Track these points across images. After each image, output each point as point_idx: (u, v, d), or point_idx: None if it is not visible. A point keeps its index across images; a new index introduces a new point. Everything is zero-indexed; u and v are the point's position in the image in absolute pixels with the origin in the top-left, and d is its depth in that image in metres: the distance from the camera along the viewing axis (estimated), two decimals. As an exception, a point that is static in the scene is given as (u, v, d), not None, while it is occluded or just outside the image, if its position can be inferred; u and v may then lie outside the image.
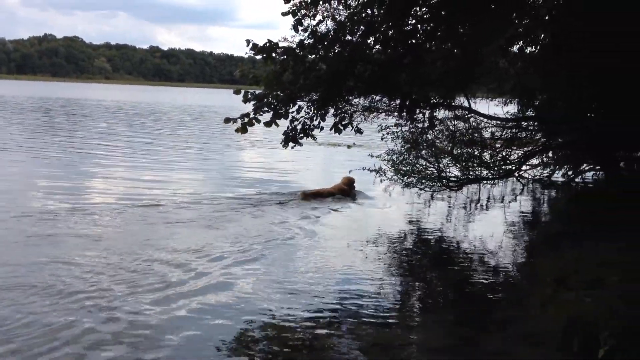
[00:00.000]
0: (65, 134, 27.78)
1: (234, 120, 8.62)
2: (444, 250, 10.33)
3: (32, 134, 26.82)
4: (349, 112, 10.39)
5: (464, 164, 12.34)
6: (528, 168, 14.15)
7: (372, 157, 13.44)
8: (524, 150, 12.94)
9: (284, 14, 8.77)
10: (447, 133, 12.18)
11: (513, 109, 13.03)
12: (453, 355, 5.92)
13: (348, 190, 14.34)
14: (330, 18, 8.99)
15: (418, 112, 10.67)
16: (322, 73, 8.93)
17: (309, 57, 9.04)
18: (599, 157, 12.27)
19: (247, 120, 8.61)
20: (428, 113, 10.90)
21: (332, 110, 9.75)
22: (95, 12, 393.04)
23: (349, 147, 13.47)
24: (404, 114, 10.54)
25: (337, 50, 8.90)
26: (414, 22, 9.06)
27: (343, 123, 9.90)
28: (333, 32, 8.87)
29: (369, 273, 8.47)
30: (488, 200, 14.72)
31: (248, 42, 8.72)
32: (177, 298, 7.11)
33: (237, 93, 8.85)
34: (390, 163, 13.32)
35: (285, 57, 8.80)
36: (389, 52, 9.12)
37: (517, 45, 10.09)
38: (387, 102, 11.09)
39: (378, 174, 13.43)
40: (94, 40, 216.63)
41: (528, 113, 12.94)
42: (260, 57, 8.87)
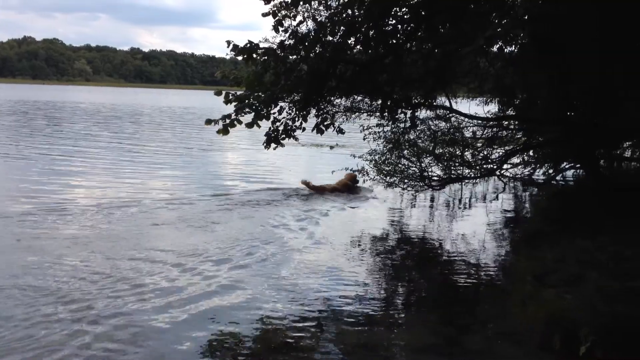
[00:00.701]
0: (42, 137, 27.44)
1: (216, 122, 8.57)
2: (427, 250, 10.38)
3: (6, 139, 26.40)
4: (331, 112, 10.37)
5: (446, 164, 12.37)
6: (509, 167, 14.24)
7: (354, 157, 13.47)
8: (505, 149, 13.00)
9: (265, 15, 8.75)
10: (428, 133, 12.20)
11: (494, 109, 13.11)
12: (436, 355, 5.95)
13: (351, 186, 15.17)
14: (311, 19, 8.96)
15: (399, 112, 10.69)
16: (303, 74, 8.90)
17: (290, 57, 9.01)
18: (579, 155, 12.36)
19: (228, 122, 8.55)
20: (409, 113, 10.92)
21: (313, 111, 9.73)
22: (75, 14, 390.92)
23: (332, 147, 13.50)
24: (386, 114, 10.54)
25: (318, 51, 8.88)
26: (394, 22, 9.07)
27: (325, 124, 9.88)
28: (314, 32, 8.85)
29: (353, 273, 8.48)
30: (470, 200, 14.83)
31: (229, 43, 8.68)
32: (156, 299, 7.10)
33: (218, 94, 8.80)
34: (373, 163, 13.35)
35: (266, 57, 8.76)
36: (370, 52, 9.12)
37: (496, 45, 10.17)
38: (368, 102, 11.09)
39: (361, 174, 13.51)
40: (74, 43, 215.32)
41: (508, 112, 13.03)
42: (241, 58, 8.84)
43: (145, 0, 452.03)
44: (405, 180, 12.74)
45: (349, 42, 8.99)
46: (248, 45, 8.63)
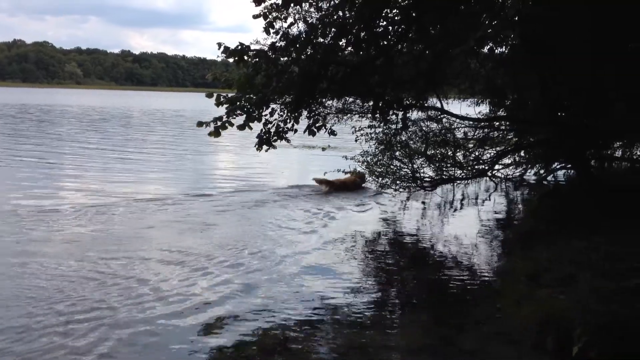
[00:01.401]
0: (29, 141, 27.28)
1: (207, 124, 8.55)
2: (420, 251, 10.38)
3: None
4: (323, 114, 10.35)
5: (438, 165, 12.39)
6: (501, 167, 14.29)
7: (346, 159, 13.47)
8: (497, 150, 13.04)
9: (255, 17, 8.73)
10: (420, 134, 12.22)
11: (485, 109, 13.15)
12: (430, 355, 5.94)
13: (359, 184, 15.78)
14: (302, 20, 8.95)
15: (391, 113, 10.69)
16: (294, 75, 8.88)
17: (282, 59, 9.00)
18: (570, 155, 12.40)
19: (220, 124, 8.54)
20: (401, 114, 10.92)
21: (305, 113, 9.72)
22: (66, 16, 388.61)
23: (324, 149, 13.46)
24: (377, 116, 10.54)
25: (309, 53, 8.88)
26: (385, 23, 9.08)
27: (317, 125, 9.86)
28: (305, 34, 8.84)
29: (347, 275, 8.48)
30: (462, 200, 14.86)
31: (220, 45, 8.66)
32: (148, 299, 7.09)
33: (209, 96, 8.78)
34: (365, 164, 13.37)
35: (258, 59, 8.74)
36: (361, 54, 9.12)
37: (487, 46, 10.19)
38: (360, 103, 11.10)
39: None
40: (65, 45, 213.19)
41: (500, 113, 13.07)
42: (233, 60, 8.81)
43: (136, 2, 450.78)
44: (398, 182, 12.76)
45: (340, 43, 8.99)
46: (239, 48, 8.61)
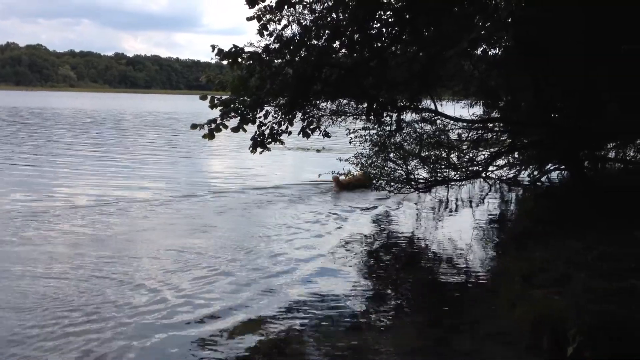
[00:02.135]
0: (21, 143, 27.20)
1: (201, 127, 8.53)
2: (414, 252, 10.39)
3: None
4: (317, 116, 10.36)
5: (432, 166, 12.41)
6: (495, 169, 14.29)
7: (341, 160, 13.49)
8: (490, 151, 13.06)
9: (249, 19, 8.72)
10: (414, 135, 12.24)
11: (479, 111, 13.17)
12: (425, 357, 5.96)
13: (365, 183, 15.76)
14: (296, 22, 8.95)
15: (385, 115, 10.71)
16: (288, 77, 8.89)
17: (276, 61, 9.00)
18: (564, 156, 12.43)
19: (214, 126, 8.53)
20: (395, 116, 10.94)
21: (299, 115, 9.72)
22: (59, 19, 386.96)
23: (318, 151, 13.48)
24: (372, 117, 10.56)
25: (303, 55, 8.88)
26: (379, 25, 9.09)
27: (311, 127, 9.87)
28: (299, 36, 8.83)
29: (342, 276, 8.49)
30: (457, 201, 14.89)
31: (213, 47, 8.63)
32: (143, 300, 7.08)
33: (203, 99, 8.77)
34: (359, 166, 13.39)
35: (251, 62, 8.73)
36: (355, 56, 9.13)
37: (480, 48, 10.23)
38: (354, 105, 11.12)
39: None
40: (58, 48, 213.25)
41: (493, 115, 13.09)
42: (227, 62, 8.80)
43: (129, 5, 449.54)
44: (392, 183, 12.77)
45: (334, 45, 8.99)
46: (233, 50, 8.60)
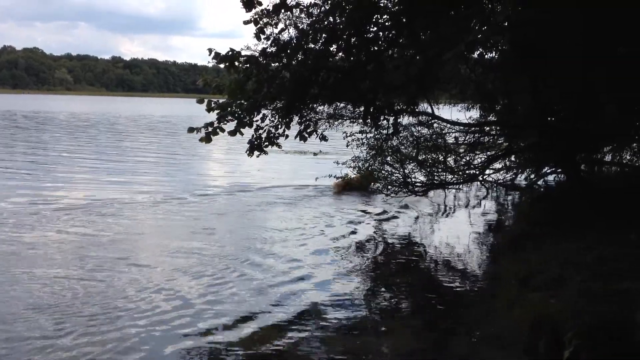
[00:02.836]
0: (14, 146, 27.13)
1: (198, 130, 8.55)
2: (411, 255, 10.39)
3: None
4: (314, 119, 10.39)
5: (429, 169, 12.41)
6: (491, 172, 14.31)
7: (338, 164, 13.50)
8: (487, 155, 13.07)
9: (246, 23, 8.73)
10: (411, 139, 12.24)
11: (475, 114, 13.19)
12: (423, 359, 5.95)
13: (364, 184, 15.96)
14: (293, 26, 8.97)
15: (382, 118, 10.74)
16: (285, 81, 8.91)
17: (272, 65, 9.02)
18: (560, 159, 12.44)
19: (211, 130, 8.54)
20: (392, 119, 10.97)
21: (296, 118, 9.73)
22: (56, 23, 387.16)
23: (315, 154, 13.50)
24: (369, 121, 10.58)
25: (300, 58, 8.90)
26: (376, 29, 9.11)
27: (308, 131, 9.89)
28: (295, 40, 8.86)
29: (338, 279, 8.48)
30: (454, 205, 14.90)
31: (210, 51, 8.65)
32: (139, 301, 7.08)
33: (200, 102, 8.79)
34: (357, 170, 13.39)
35: (248, 65, 8.75)
36: (352, 59, 9.15)
37: (477, 51, 10.25)
38: (351, 109, 11.12)
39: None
40: (55, 52, 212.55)
41: (490, 118, 13.11)
42: (224, 66, 8.82)
43: (126, 9, 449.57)
44: (389, 187, 12.77)
45: (331, 49, 9.02)
46: (230, 53, 8.63)
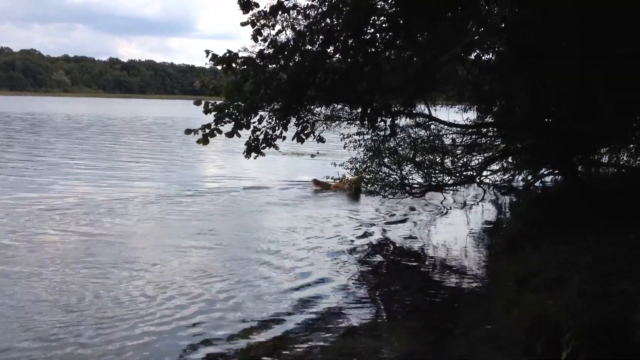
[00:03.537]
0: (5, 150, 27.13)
1: (195, 132, 8.53)
2: (409, 257, 10.40)
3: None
4: (311, 121, 10.37)
5: (426, 171, 12.43)
6: (489, 173, 14.32)
7: (335, 165, 13.50)
8: (484, 156, 13.09)
9: (243, 24, 8.72)
10: (408, 140, 12.25)
11: (473, 116, 13.20)
12: (420, 361, 5.95)
13: (354, 188, 16.01)
14: (290, 28, 8.96)
15: (379, 120, 10.73)
16: (283, 82, 8.90)
17: (270, 66, 9.01)
18: (557, 161, 12.46)
19: (208, 132, 8.53)
20: (389, 121, 10.96)
21: (294, 120, 9.72)
22: (53, 24, 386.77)
23: (313, 156, 13.52)
24: (366, 122, 10.57)
25: (297, 60, 8.89)
26: (373, 30, 9.11)
27: (305, 132, 9.88)
28: (293, 41, 8.85)
29: (336, 281, 8.49)
30: (451, 206, 14.90)
31: (207, 52, 8.64)
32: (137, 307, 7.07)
33: (197, 104, 8.76)
34: (354, 171, 13.40)
35: (246, 67, 8.74)
36: (349, 61, 9.15)
37: (474, 53, 10.25)
38: (348, 110, 11.11)
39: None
40: (52, 53, 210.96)
41: (487, 119, 13.12)
42: (221, 67, 8.80)
43: (123, 10, 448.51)
44: (386, 188, 12.78)
45: (328, 50, 9.01)
46: (227, 55, 8.61)
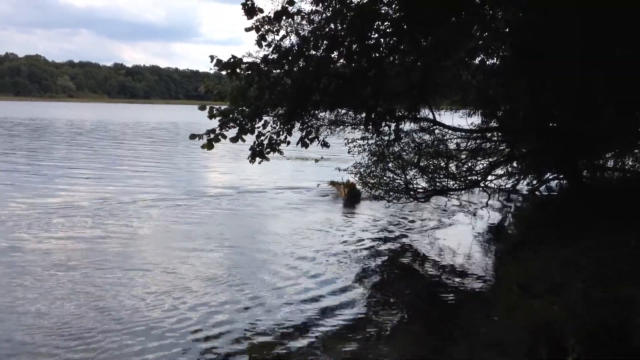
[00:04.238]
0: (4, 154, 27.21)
1: (200, 137, 8.56)
2: (413, 261, 10.40)
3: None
4: (315, 126, 10.39)
5: (431, 176, 12.42)
6: (493, 178, 14.31)
7: (339, 170, 13.51)
8: (489, 161, 13.06)
9: (248, 30, 8.74)
10: (413, 145, 12.24)
11: (477, 120, 13.19)
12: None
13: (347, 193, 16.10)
14: (294, 33, 8.99)
15: (384, 125, 10.75)
16: (287, 88, 8.93)
17: (274, 72, 9.04)
18: (561, 164, 12.45)
19: (213, 137, 8.56)
20: (394, 126, 10.98)
21: (298, 125, 9.75)
22: (57, 30, 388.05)
23: (317, 160, 13.51)
24: (370, 127, 10.59)
25: (301, 65, 8.92)
26: (377, 36, 9.14)
27: (309, 137, 9.90)
28: (297, 46, 8.88)
29: (338, 285, 8.49)
30: (455, 210, 14.88)
31: (212, 58, 8.66)
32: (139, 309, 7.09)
33: (202, 109, 8.79)
34: (358, 176, 13.39)
35: (250, 72, 8.77)
36: (353, 65, 9.18)
37: (478, 58, 10.27)
38: (352, 115, 11.13)
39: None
40: (57, 59, 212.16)
41: (492, 124, 13.11)
42: (225, 72, 8.83)
43: (127, 16, 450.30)
44: (391, 193, 12.77)
45: (332, 56, 9.04)
46: (231, 60, 8.63)
